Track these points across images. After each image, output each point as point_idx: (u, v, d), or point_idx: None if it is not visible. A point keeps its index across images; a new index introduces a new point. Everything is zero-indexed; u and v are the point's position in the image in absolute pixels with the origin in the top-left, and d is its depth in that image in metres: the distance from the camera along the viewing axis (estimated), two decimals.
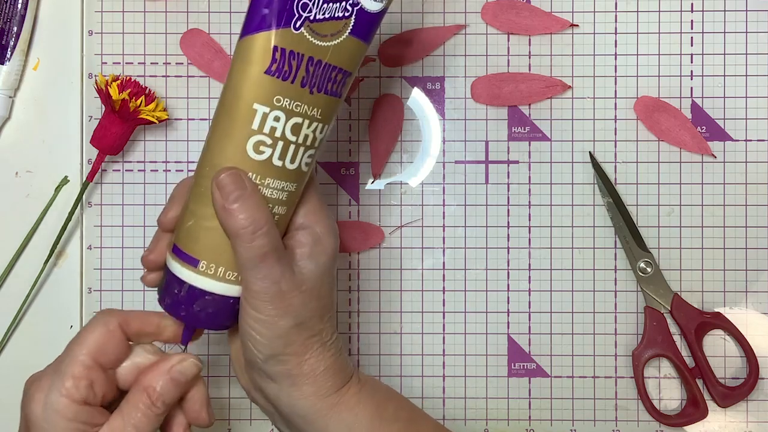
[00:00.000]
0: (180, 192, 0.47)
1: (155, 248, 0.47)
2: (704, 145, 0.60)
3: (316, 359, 0.45)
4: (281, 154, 0.43)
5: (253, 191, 0.43)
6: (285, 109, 0.43)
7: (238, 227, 0.42)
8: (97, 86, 0.57)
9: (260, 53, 0.42)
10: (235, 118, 0.43)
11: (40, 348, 0.61)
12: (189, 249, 0.44)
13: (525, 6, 0.60)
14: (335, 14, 0.43)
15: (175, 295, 0.45)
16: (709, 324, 0.59)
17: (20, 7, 0.60)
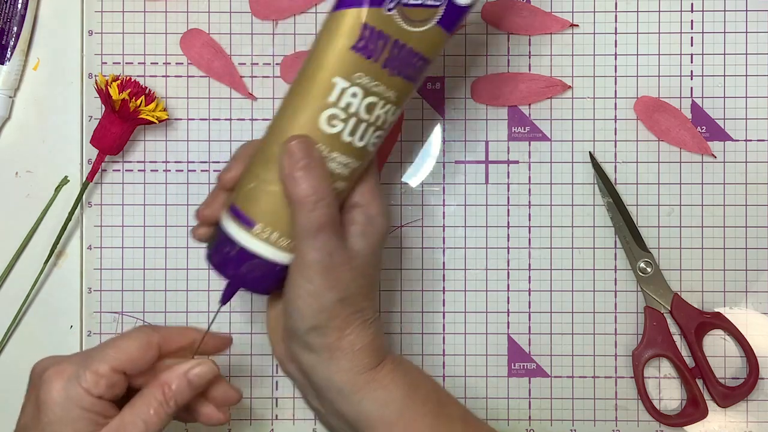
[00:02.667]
0: (244, 152, 0.47)
1: (211, 203, 0.48)
2: (704, 145, 0.60)
3: (356, 335, 0.45)
4: (352, 130, 0.44)
5: (320, 162, 0.43)
6: (364, 87, 0.43)
7: (302, 195, 0.43)
8: (97, 86, 0.57)
9: (349, 28, 0.43)
10: (314, 89, 0.43)
11: (40, 348, 0.61)
12: (247, 210, 0.45)
13: (525, 6, 0.60)
14: (426, 2, 0.43)
15: (225, 254, 0.45)
16: (709, 324, 0.59)
17: (20, 7, 0.60)
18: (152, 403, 0.44)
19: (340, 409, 0.46)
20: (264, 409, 0.61)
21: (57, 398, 0.44)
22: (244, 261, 0.45)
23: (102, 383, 0.44)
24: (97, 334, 0.61)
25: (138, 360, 0.45)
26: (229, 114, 0.61)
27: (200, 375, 0.46)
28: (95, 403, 0.44)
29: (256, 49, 0.61)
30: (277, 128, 0.45)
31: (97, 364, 0.44)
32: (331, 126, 0.44)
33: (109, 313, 0.61)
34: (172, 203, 0.61)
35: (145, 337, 0.46)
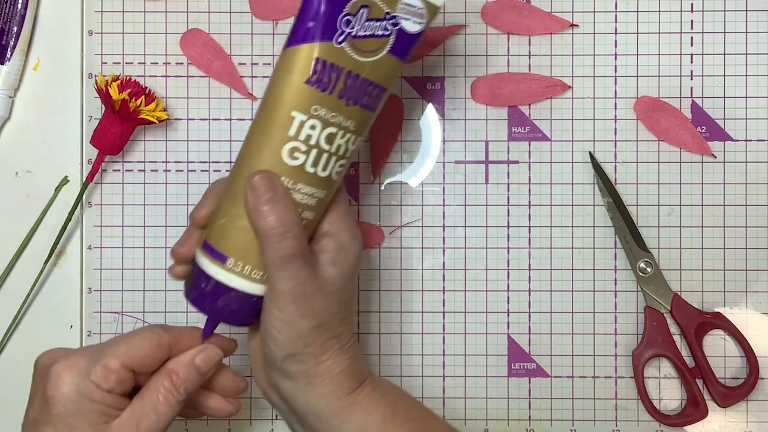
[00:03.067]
0: (214, 189, 0.48)
1: (185, 242, 0.48)
2: (704, 145, 0.60)
3: (333, 361, 0.46)
4: (314, 161, 0.45)
5: (284, 194, 0.44)
6: (321, 119, 0.44)
7: (268, 228, 0.43)
8: (97, 86, 0.57)
9: (302, 63, 0.44)
10: (274, 124, 0.44)
11: (40, 348, 0.61)
12: (219, 245, 0.46)
13: (525, 6, 0.60)
14: (376, 32, 0.45)
15: (202, 289, 0.46)
16: (709, 324, 0.59)
17: (20, 7, 0.60)
18: (161, 391, 0.45)
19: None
20: (264, 409, 0.61)
21: (67, 392, 0.44)
22: (220, 295, 0.46)
23: (112, 378, 0.44)
24: (97, 334, 0.61)
25: (148, 358, 0.45)
26: (229, 114, 0.61)
27: (206, 359, 0.46)
28: (105, 396, 0.44)
29: (256, 49, 0.61)
30: (243, 164, 0.45)
31: (108, 359, 0.44)
32: (294, 158, 0.45)
33: (109, 313, 0.61)
34: (172, 203, 0.61)
35: (156, 336, 0.46)
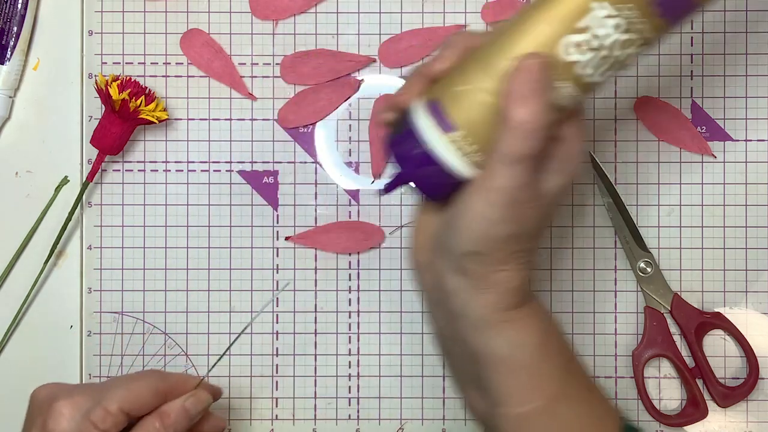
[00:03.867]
0: (459, 44, 0.42)
1: (407, 91, 0.43)
2: (704, 145, 0.60)
3: (513, 273, 0.42)
4: (596, 64, 0.39)
5: (550, 90, 0.39)
6: (629, 20, 0.38)
7: (520, 120, 0.39)
8: (97, 86, 0.57)
9: None
10: (568, 8, 0.38)
11: (40, 348, 0.61)
12: (450, 112, 0.40)
13: None
14: None
15: (409, 149, 0.41)
16: (709, 324, 0.59)
17: (20, 7, 0.60)
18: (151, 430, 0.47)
19: (467, 338, 0.44)
20: (264, 409, 0.61)
21: (67, 428, 0.46)
22: (427, 163, 0.41)
23: (109, 420, 0.46)
24: (97, 334, 0.61)
25: (144, 405, 0.47)
26: (229, 114, 0.61)
27: (196, 404, 0.49)
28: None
29: (256, 49, 0.61)
30: (508, 38, 0.39)
31: (108, 402, 0.46)
32: (572, 53, 0.38)
33: (109, 313, 0.61)
34: (172, 203, 0.61)
35: (154, 383, 0.48)
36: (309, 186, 0.61)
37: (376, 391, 0.60)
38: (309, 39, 0.61)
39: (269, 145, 0.61)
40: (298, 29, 0.61)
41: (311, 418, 0.61)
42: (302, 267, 0.61)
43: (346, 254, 0.61)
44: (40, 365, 0.61)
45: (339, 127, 0.61)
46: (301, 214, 0.61)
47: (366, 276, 0.60)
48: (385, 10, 0.61)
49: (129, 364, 0.60)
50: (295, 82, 0.61)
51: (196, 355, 0.60)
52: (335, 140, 0.61)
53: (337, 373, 0.61)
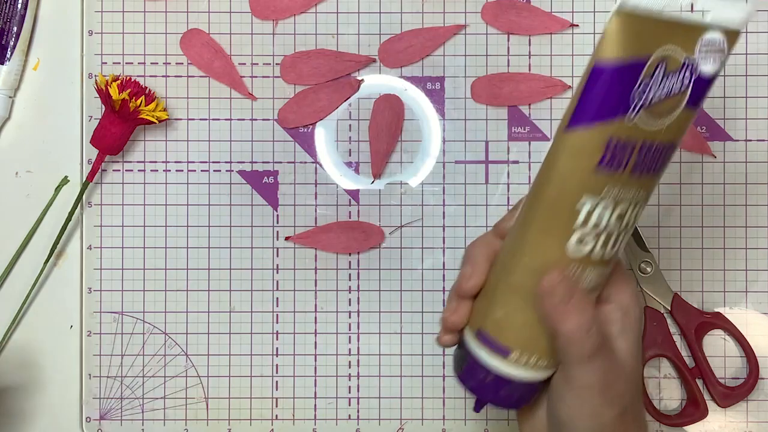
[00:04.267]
0: (479, 256, 0.44)
1: (457, 310, 0.45)
2: (704, 145, 0.60)
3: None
4: (604, 244, 0.40)
5: (581, 293, 0.41)
6: (613, 199, 0.39)
7: (569, 330, 0.40)
8: (97, 86, 0.57)
9: (591, 147, 0.38)
10: (559, 215, 0.40)
11: (40, 348, 0.61)
12: (500, 338, 0.42)
13: (525, 6, 0.60)
14: (673, 89, 0.38)
15: (481, 380, 0.43)
16: (709, 324, 0.59)
17: (20, 7, 0.60)
18: None
19: None
20: (264, 409, 0.61)
21: None
22: (502, 386, 0.43)
23: None
24: (97, 334, 0.61)
25: None
26: (229, 114, 0.61)
27: None
28: None
29: (256, 49, 0.61)
30: (521, 256, 0.41)
31: None
32: (582, 247, 0.40)
33: (109, 313, 0.61)
34: (172, 203, 0.61)
35: None
36: (309, 186, 0.61)
37: (376, 391, 0.60)
38: (309, 39, 0.61)
39: (269, 145, 0.61)
40: (298, 29, 0.61)
41: (311, 418, 0.61)
42: (302, 267, 0.61)
43: (346, 254, 0.61)
44: (40, 365, 0.61)
45: (339, 127, 0.61)
46: (301, 214, 0.61)
47: (366, 276, 0.60)
48: (385, 10, 0.61)
49: (129, 364, 0.60)
50: (295, 82, 0.61)
51: (196, 355, 0.60)
52: (335, 140, 0.61)
53: (337, 373, 0.61)
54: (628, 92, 0.37)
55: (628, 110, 0.38)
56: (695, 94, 0.39)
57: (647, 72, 0.37)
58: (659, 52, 0.37)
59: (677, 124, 0.40)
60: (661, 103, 0.38)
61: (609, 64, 0.37)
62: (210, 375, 0.61)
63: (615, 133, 0.38)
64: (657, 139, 0.39)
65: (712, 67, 0.39)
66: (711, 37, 0.38)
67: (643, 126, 0.38)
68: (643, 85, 0.38)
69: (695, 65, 0.39)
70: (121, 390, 0.60)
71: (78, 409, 0.61)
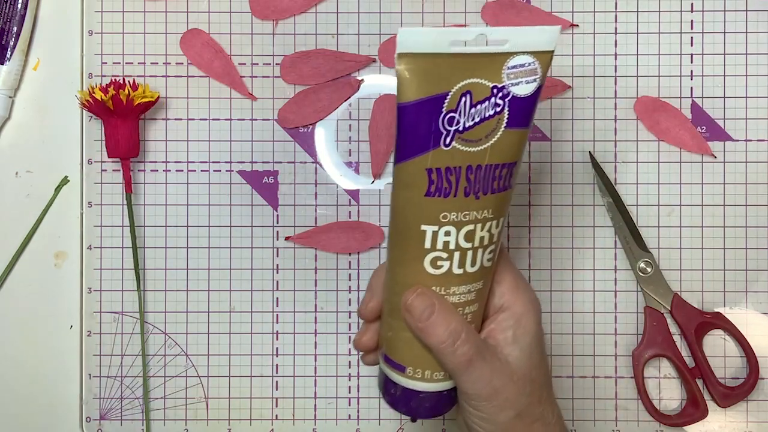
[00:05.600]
0: (376, 282, 0.47)
1: (364, 334, 0.48)
2: (704, 145, 0.60)
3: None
4: (460, 262, 0.42)
5: (441, 305, 0.43)
6: (453, 223, 0.41)
7: (438, 342, 0.43)
8: (83, 102, 0.57)
9: (417, 178, 0.40)
10: (408, 241, 0.42)
11: (40, 348, 0.61)
12: (394, 356, 0.45)
13: (525, 6, 0.60)
14: (486, 115, 0.40)
15: (392, 395, 0.46)
16: (709, 324, 0.59)
17: (20, 7, 0.60)
18: None
19: None
20: (264, 409, 0.61)
21: None
22: (411, 398, 0.45)
23: None
24: (97, 334, 0.61)
25: None
26: (229, 114, 0.61)
27: None
28: None
29: (256, 49, 0.61)
30: (392, 281, 0.44)
31: None
32: (438, 268, 0.42)
33: (109, 313, 0.61)
34: (172, 203, 0.61)
35: None
36: (309, 186, 0.61)
37: (376, 391, 0.60)
38: (309, 39, 0.61)
39: (269, 145, 0.61)
40: (298, 29, 0.61)
41: (311, 418, 0.61)
42: (302, 267, 0.61)
43: (346, 254, 0.61)
44: (40, 365, 0.61)
45: (339, 127, 0.61)
46: (301, 214, 0.61)
47: (366, 276, 0.60)
48: (385, 10, 0.61)
49: (129, 364, 0.60)
50: (295, 82, 0.61)
51: (196, 355, 0.60)
52: (335, 140, 0.61)
53: (337, 373, 0.61)
54: (435, 126, 0.39)
55: (440, 140, 0.40)
56: (515, 114, 0.40)
57: (450, 106, 0.39)
58: (459, 86, 0.39)
59: (503, 144, 0.41)
60: (475, 129, 0.40)
61: (408, 104, 0.39)
62: (210, 375, 0.61)
63: (433, 162, 0.40)
64: (484, 161, 0.41)
65: (526, 89, 0.40)
66: (517, 62, 0.40)
67: (463, 149, 0.40)
68: (449, 117, 0.39)
69: (506, 90, 0.40)
70: (121, 390, 0.60)
71: (78, 409, 0.61)
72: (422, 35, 0.38)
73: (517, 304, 0.45)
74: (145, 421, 0.60)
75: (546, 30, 0.40)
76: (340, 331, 0.61)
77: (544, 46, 0.40)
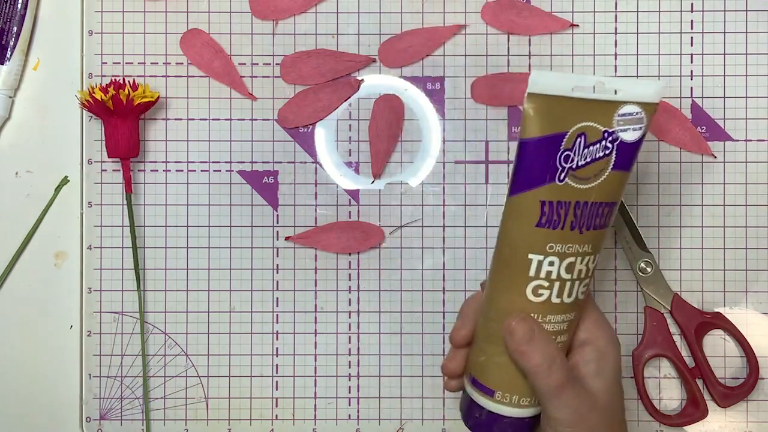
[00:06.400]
0: (468, 310, 0.50)
1: (453, 359, 0.50)
2: (704, 145, 0.60)
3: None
4: (558, 292, 0.45)
5: (540, 332, 0.46)
6: (558, 254, 0.45)
7: (534, 365, 0.45)
8: (83, 102, 0.57)
9: (529, 209, 0.44)
10: (514, 268, 0.45)
11: (40, 348, 0.61)
12: (484, 381, 0.48)
13: (525, 6, 0.60)
14: (596, 156, 0.44)
15: (476, 419, 0.48)
16: (709, 324, 0.59)
17: (20, 7, 0.60)
18: None
19: None
20: (264, 409, 0.61)
21: None
22: (495, 422, 0.48)
23: None
24: (97, 334, 0.61)
25: None
26: (229, 114, 0.61)
27: None
28: None
29: (256, 49, 0.61)
30: (493, 307, 0.47)
31: None
32: (538, 296, 0.45)
33: (109, 313, 0.61)
34: (172, 203, 0.61)
35: None
36: (309, 186, 0.61)
37: (376, 391, 0.60)
38: (309, 39, 0.61)
39: (269, 145, 0.61)
40: (298, 29, 0.61)
41: (311, 418, 0.61)
42: (302, 267, 0.61)
43: (346, 254, 0.61)
44: (40, 365, 0.61)
45: (339, 127, 0.61)
46: (301, 214, 0.61)
47: (366, 276, 0.60)
48: (385, 10, 0.61)
49: (129, 364, 0.60)
50: (295, 82, 0.61)
51: (196, 355, 0.60)
52: (335, 140, 0.61)
53: (337, 373, 0.61)
54: (553, 161, 0.43)
55: (555, 175, 0.44)
56: (621, 158, 0.44)
57: (567, 144, 0.43)
58: (576, 127, 0.43)
59: (608, 185, 0.44)
60: (586, 168, 0.44)
61: (531, 139, 0.43)
62: (210, 375, 0.61)
63: (547, 196, 0.44)
64: (591, 198, 0.44)
65: (632, 135, 0.44)
66: (626, 110, 0.44)
67: (575, 186, 0.44)
68: (565, 155, 0.43)
69: (616, 135, 0.44)
70: (121, 390, 0.60)
71: (78, 409, 0.61)
72: (551, 78, 0.43)
73: (600, 340, 0.48)
74: (145, 421, 0.60)
75: (653, 84, 0.44)
76: (340, 331, 0.61)
77: (651, 99, 0.44)
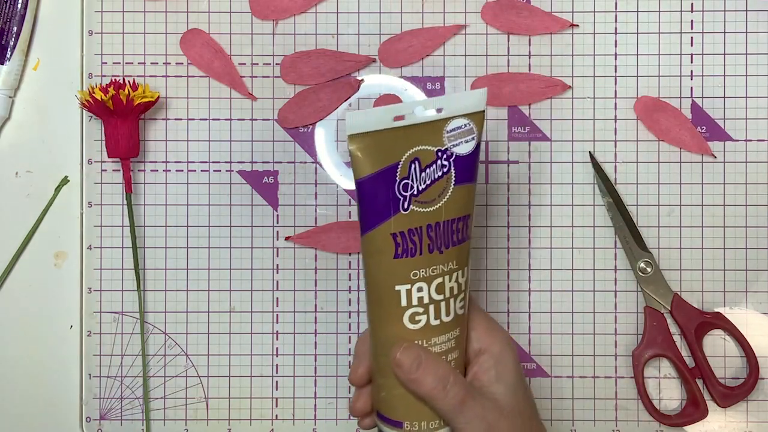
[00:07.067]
0: (362, 348, 0.49)
1: (358, 399, 0.50)
2: (704, 145, 0.60)
3: None
4: (436, 314, 0.45)
5: (427, 356, 0.46)
6: (424, 279, 0.45)
7: (428, 390, 0.45)
8: (83, 102, 0.57)
9: (384, 244, 0.44)
10: (385, 303, 0.45)
11: (40, 348, 0.61)
12: (391, 414, 0.47)
13: (525, 6, 0.60)
14: (435, 176, 0.44)
15: None
16: (709, 324, 0.59)
17: (20, 7, 0.60)
18: None
19: None
20: (264, 409, 0.61)
21: None
22: None
23: None
24: (97, 334, 0.61)
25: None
26: (229, 114, 0.61)
27: None
28: None
29: (256, 49, 0.61)
30: (376, 342, 0.47)
31: None
32: (416, 322, 0.45)
33: (109, 313, 0.61)
34: (172, 203, 0.61)
35: None
36: (309, 186, 0.61)
37: None
38: (309, 39, 0.61)
39: (269, 145, 0.61)
40: (298, 29, 0.61)
41: (311, 418, 0.61)
42: (302, 267, 0.61)
43: (346, 254, 0.61)
44: (40, 365, 0.61)
45: (339, 127, 0.61)
46: (301, 214, 0.61)
47: None
48: (385, 10, 0.61)
49: (129, 364, 0.60)
50: (295, 82, 0.61)
51: (196, 355, 0.60)
52: (335, 140, 0.61)
53: (337, 373, 0.61)
54: (392, 193, 0.44)
55: (399, 206, 0.44)
56: (461, 172, 0.45)
57: (402, 174, 0.44)
58: (408, 154, 0.44)
59: (455, 201, 0.45)
60: (427, 191, 0.44)
61: (365, 178, 0.43)
62: (210, 375, 0.61)
63: (396, 227, 0.44)
64: (441, 218, 0.45)
65: (466, 148, 0.45)
66: (454, 125, 0.44)
67: (421, 210, 0.44)
68: (403, 184, 0.44)
69: (450, 151, 0.44)
70: (121, 390, 0.60)
71: (78, 409, 0.61)
72: (366, 116, 0.43)
73: (494, 345, 0.48)
74: (145, 421, 0.60)
75: (474, 93, 0.45)
76: (340, 331, 0.61)
77: (475, 108, 0.45)
